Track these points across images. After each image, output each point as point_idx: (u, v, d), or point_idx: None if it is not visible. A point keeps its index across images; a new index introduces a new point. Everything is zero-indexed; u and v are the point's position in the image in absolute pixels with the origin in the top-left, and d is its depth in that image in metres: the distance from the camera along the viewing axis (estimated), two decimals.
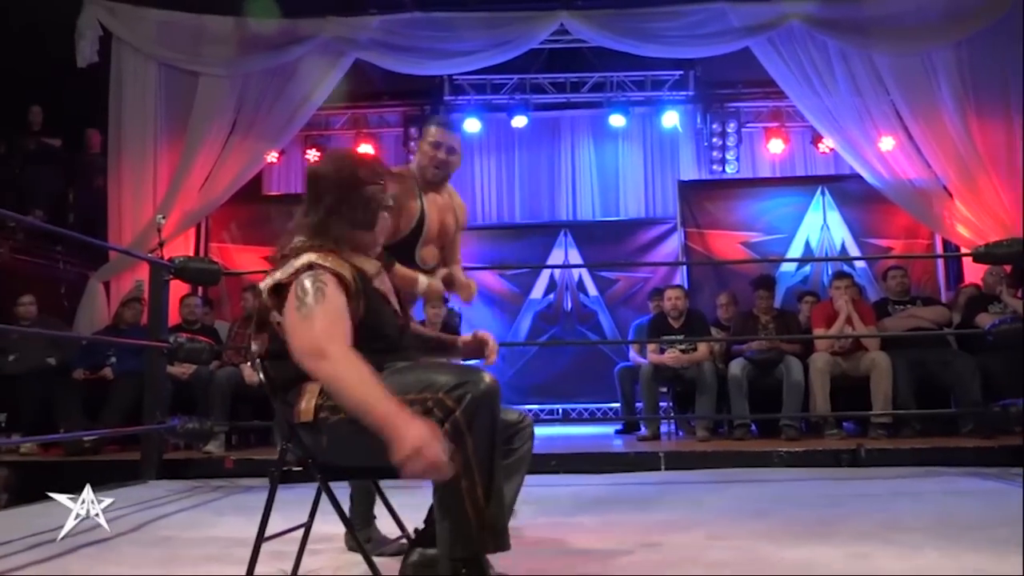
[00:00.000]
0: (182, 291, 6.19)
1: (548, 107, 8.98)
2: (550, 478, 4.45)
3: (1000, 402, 4.69)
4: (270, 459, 2.22)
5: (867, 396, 5.43)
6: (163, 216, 6.47)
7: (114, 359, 5.91)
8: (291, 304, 1.92)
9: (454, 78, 8.66)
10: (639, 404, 6.15)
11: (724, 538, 2.80)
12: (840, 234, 8.30)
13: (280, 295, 1.97)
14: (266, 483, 2.12)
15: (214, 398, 5.51)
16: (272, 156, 8.19)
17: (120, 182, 7.32)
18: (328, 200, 2.05)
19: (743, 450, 4.99)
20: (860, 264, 8.07)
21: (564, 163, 9.19)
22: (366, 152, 2.27)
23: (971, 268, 7.09)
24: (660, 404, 6.25)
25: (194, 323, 6.14)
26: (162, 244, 6.12)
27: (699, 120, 8.97)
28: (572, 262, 8.69)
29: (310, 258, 1.95)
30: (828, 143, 8.00)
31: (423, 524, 2.17)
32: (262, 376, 2.07)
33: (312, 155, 8.66)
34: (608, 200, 9.12)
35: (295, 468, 2.07)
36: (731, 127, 8.68)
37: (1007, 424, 4.69)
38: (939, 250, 7.93)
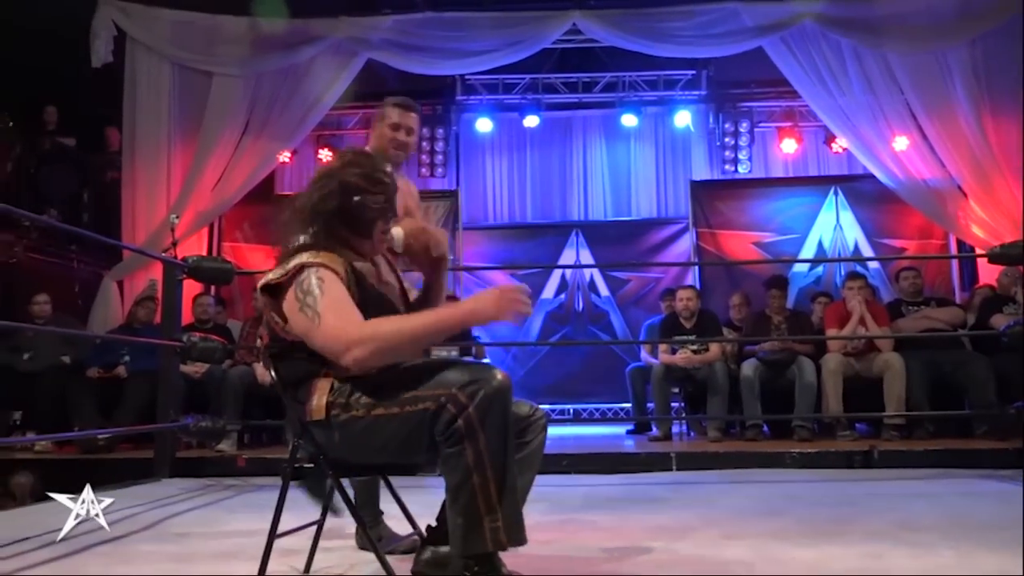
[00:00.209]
0: (195, 290, 6.22)
1: (560, 107, 8.96)
2: (562, 478, 4.45)
3: (1015, 404, 4.65)
4: (282, 458, 2.23)
5: (880, 397, 5.39)
6: (176, 216, 6.49)
7: (128, 358, 5.93)
8: (293, 307, 1.94)
9: (466, 78, 8.66)
10: (651, 404, 6.14)
11: (737, 537, 2.80)
12: (853, 234, 8.26)
13: (274, 296, 2.00)
14: (278, 482, 2.13)
15: (227, 397, 5.53)
16: (284, 156, 8.22)
17: (134, 182, 7.36)
18: (329, 204, 2.07)
19: (755, 451, 4.97)
20: (874, 265, 8.03)
21: (576, 163, 9.17)
22: (369, 154, 2.26)
23: (986, 269, 7.04)
24: (672, 404, 6.24)
25: (207, 322, 6.17)
26: (175, 243, 6.14)
27: (711, 120, 8.93)
28: (584, 262, 8.68)
29: (302, 260, 1.97)
30: (841, 143, 7.96)
31: (435, 522, 2.17)
32: (273, 374, 2.09)
33: (324, 155, 8.68)
34: (620, 200, 9.09)
35: (307, 465, 2.08)
36: (744, 127, 8.63)
37: (1022, 426, 4.65)
38: (953, 251, 7.87)
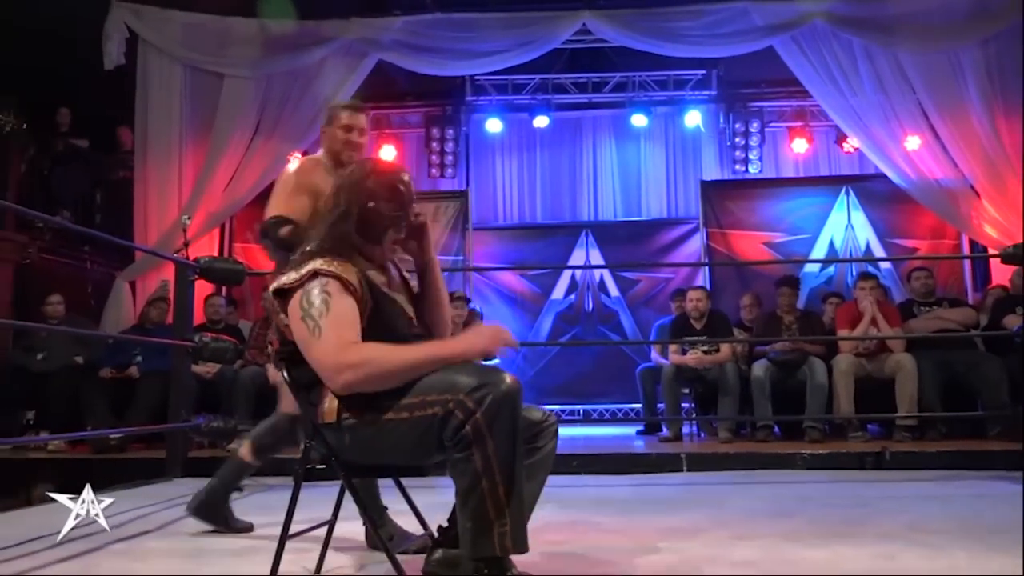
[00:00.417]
0: (207, 291, 6.25)
1: (570, 107, 8.96)
2: (572, 478, 4.45)
3: None
4: (293, 458, 2.24)
5: (892, 398, 5.36)
6: (188, 216, 6.52)
7: (140, 358, 5.97)
8: (296, 312, 1.95)
9: (476, 78, 8.67)
10: (661, 405, 6.13)
11: (748, 538, 2.79)
12: (865, 235, 8.24)
13: (285, 298, 2.01)
14: (289, 482, 2.14)
15: (238, 397, 5.56)
16: (295, 157, 8.24)
17: (146, 183, 7.40)
18: (344, 209, 2.08)
19: (766, 452, 4.95)
20: (885, 265, 8.00)
21: (586, 163, 9.17)
22: (395, 166, 2.27)
23: (999, 269, 7.00)
24: (682, 405, 6.23)
25: (218, 322, 6.21)
26: (187, 244, 6.16)
27: (722, 120, 8.92)
28: (593, 262, 8.67)
29: (316, 265, 1.98)
30: (853, 142, 7.94)
31: (446, 523, 2.17)
32: (285, 376, 2.10)
33: None
34: (630, 200, 9.08)
35: (318, 466, 2.09)
36: (754, 127, 8.61)
37: None
38: (966, 251, 7.83)
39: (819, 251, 8.19)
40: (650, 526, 3.07)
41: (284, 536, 2.10)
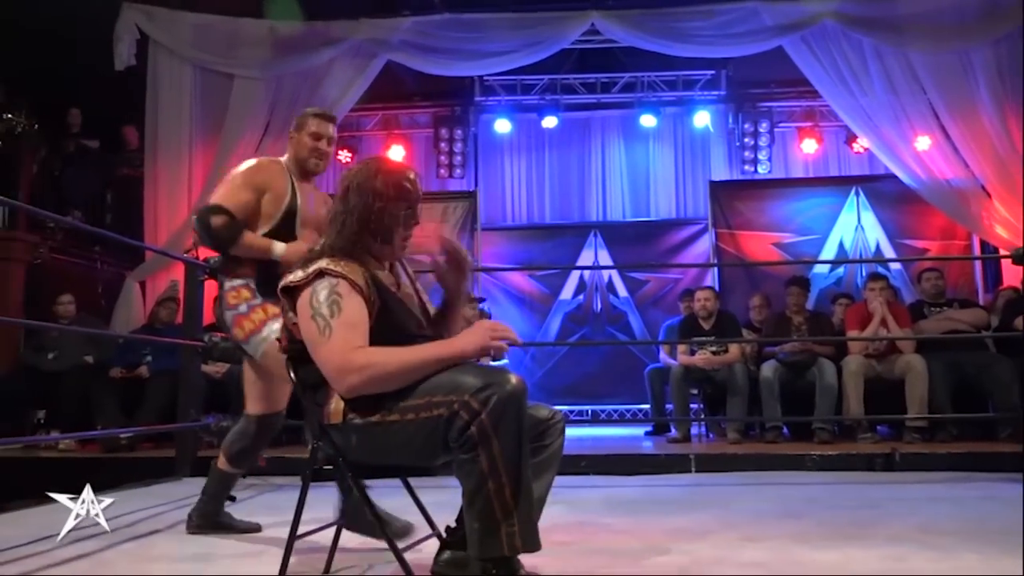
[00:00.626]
0: (216, 291, 6.25)
1: (579, 107, 8.97)
2: (580, 479, 4.44)
3: None
4: (301, 457, 2.25)
5: (902, 399, 5.33)
6: None
7: (150, 358, 5.99)
8: (305, 311, 1.96)
9: (485, 79, 8.69)
10: (669, 406, 6.12)
11: (757, 539, 2.78)
12: (875, 235, 8.21)
13: (292, 297, 2.01)
14: (298, 482, 2.15)
15: None
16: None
17: (156, 183, 7.43)
18: (352, 208, 2.09)
19: (775, 453, 4.92)
20: (895, 266, 7.97)
21: (594, 163, 9.17)
22: (401, 164, 2.27)
23: (1010, 270, 6.96)
24: (691, 406, 6.21)
25: None
26: (197, 244, 6.19)
27: (731, 120, 8.91)
28: (602, 263, 8.67)
29: (322, 265, 1.99)
30: (862, 143, 7.90)
31: (454, 523, 2.17)
32: (292, 376, 2.10)
33: (344, 156, 8.73)
34: (639, 201, 9.08)
35: (326, 467, 2.10)
36: (763, 127, 8.60)
37: None
38: (977, 251, 7.80)
39: (829, 252, 8.17)
40: (658, 527, 3.06)
41: (292, 537, 2.11)
